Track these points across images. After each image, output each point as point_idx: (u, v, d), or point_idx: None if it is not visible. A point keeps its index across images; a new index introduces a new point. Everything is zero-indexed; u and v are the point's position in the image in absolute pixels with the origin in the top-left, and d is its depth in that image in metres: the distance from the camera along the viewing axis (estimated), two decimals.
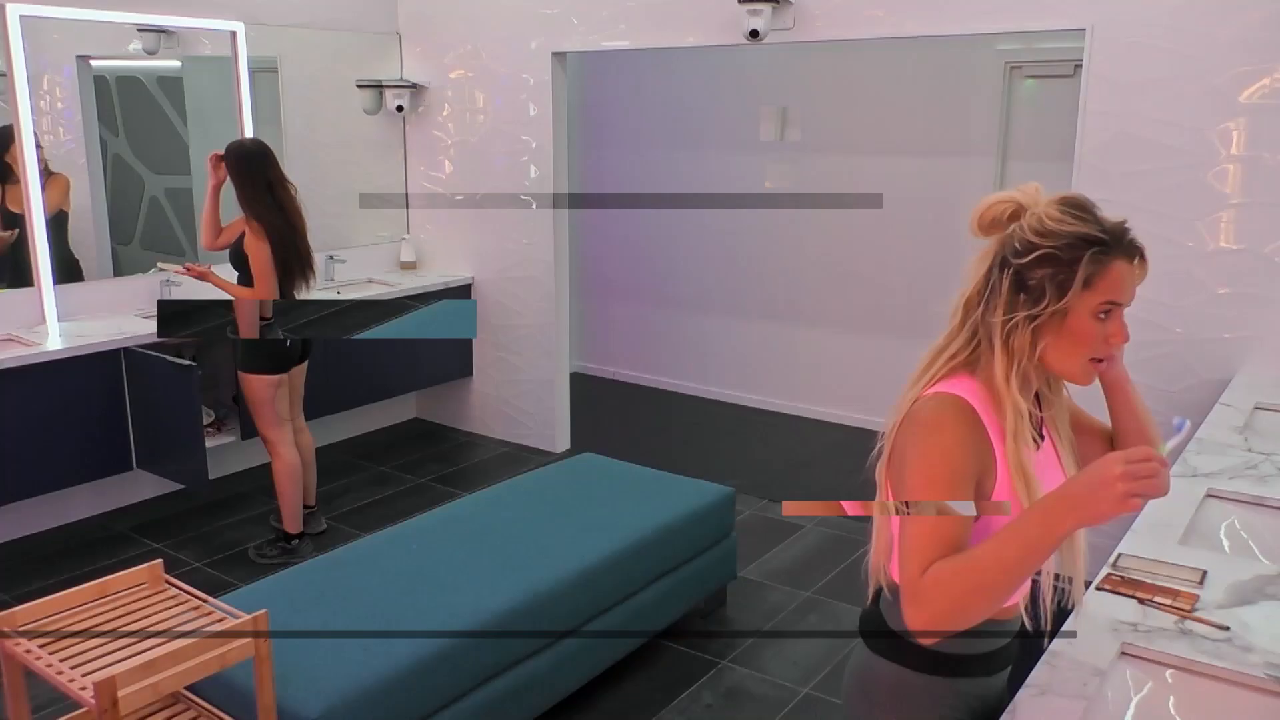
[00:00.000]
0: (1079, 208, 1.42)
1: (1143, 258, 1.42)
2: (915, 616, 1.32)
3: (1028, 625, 1.56)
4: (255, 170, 3.84)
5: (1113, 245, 1.40)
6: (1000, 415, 1.43)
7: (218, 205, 4.01)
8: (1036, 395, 1.55)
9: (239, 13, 4.85)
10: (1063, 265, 1.39)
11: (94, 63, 4.55)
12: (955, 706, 1.55)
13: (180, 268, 4.10)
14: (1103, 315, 1.41)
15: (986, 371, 1.46)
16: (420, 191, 5.75)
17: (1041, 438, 1.55)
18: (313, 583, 2.86)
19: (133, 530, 4.42)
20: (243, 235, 3.84)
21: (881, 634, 1.57)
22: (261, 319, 3.91)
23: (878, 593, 1.61)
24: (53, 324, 4.27)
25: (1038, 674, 1.62)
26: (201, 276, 3.99)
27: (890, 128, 5.51)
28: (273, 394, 3.96)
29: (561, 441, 5.49)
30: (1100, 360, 1.47)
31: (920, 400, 1.46)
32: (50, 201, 4.30)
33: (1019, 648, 1.63)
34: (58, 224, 4.38)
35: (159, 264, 4.28)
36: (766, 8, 4.21)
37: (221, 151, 3.95)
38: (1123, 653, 1.71)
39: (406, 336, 5.29)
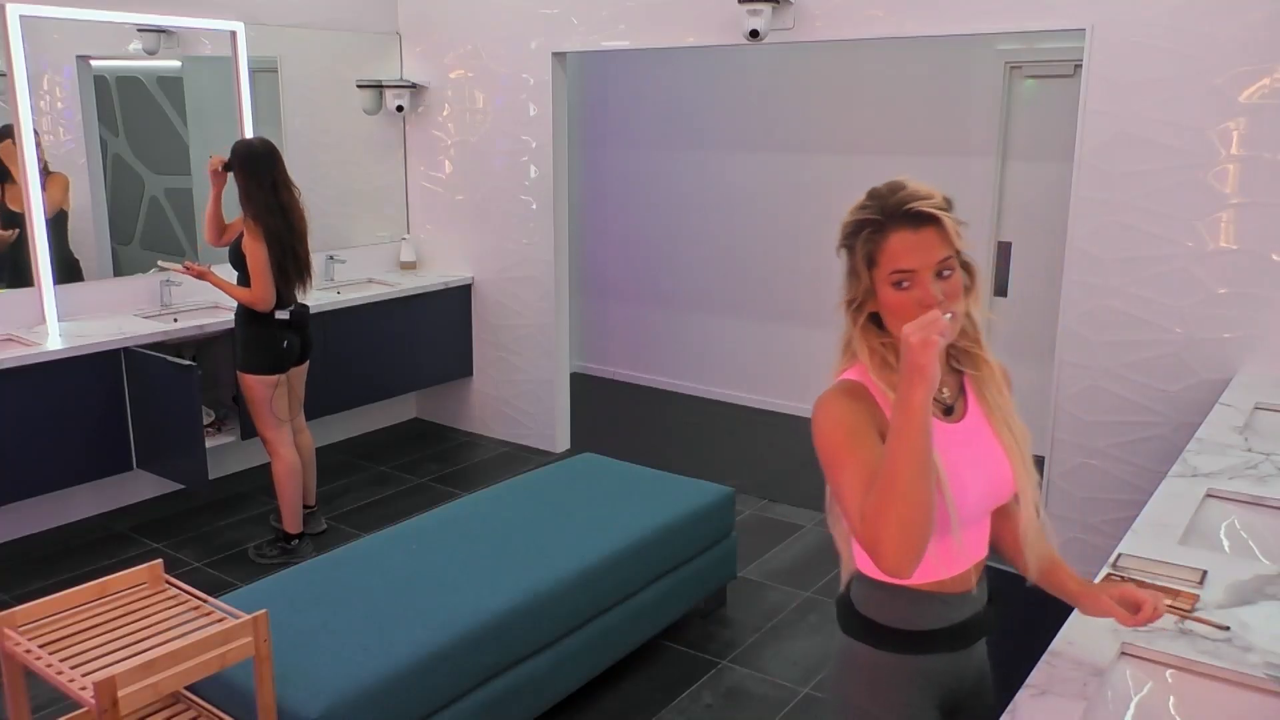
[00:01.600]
0: (870, 195, 1.51)
1: (930, 221, 1.45)
2: (880, 559, 1.37)
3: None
4: (260, 170, 3.84)
5: (886, 220, 1.47)
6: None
7: (220, 203, 4.01)
8: (960, 370, 1.61)
9: (239, 13, 4.85)
10: (854, 250, 1.52)
11: (94, 63, 4.55)
12: (926, 686, 1.60)
13: (180, 266, 4.11)
14: (904, 285, 1.46)
15: (861, 354, 1.56)
16: (420, 191, 5.75)
17: (950, 410, 1.58)
18: (313, 583, 2.86)
19: (133, 530, 4.42)
20: (242, 235, 3.85)
21: (854, 617, 1.63)
22: (261, 320, 3.91)
23: (850, 581, 1.68)
24: (53, 324, 4.27)
25: (1038, 674, 1.63)
26: (200, 275, 4.01)
27: (890, 128, 5.51)
28: (270, 394, 3.96)
29: (561, 441, 5.49)
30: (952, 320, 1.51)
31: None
32: (51, 200, 4.30)
33: (993, 618, 1.67)
34: (57, 223, 4.38)
35: (159, 263, 4.29)
36: (766, 8, 4.21)
37: (222, 159, 3.95)
38: (1123, 653, 1.71)
39: (406, 337, 5.30)
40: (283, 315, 3.93)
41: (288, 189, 3.91)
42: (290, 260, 3.90)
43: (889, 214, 1.47)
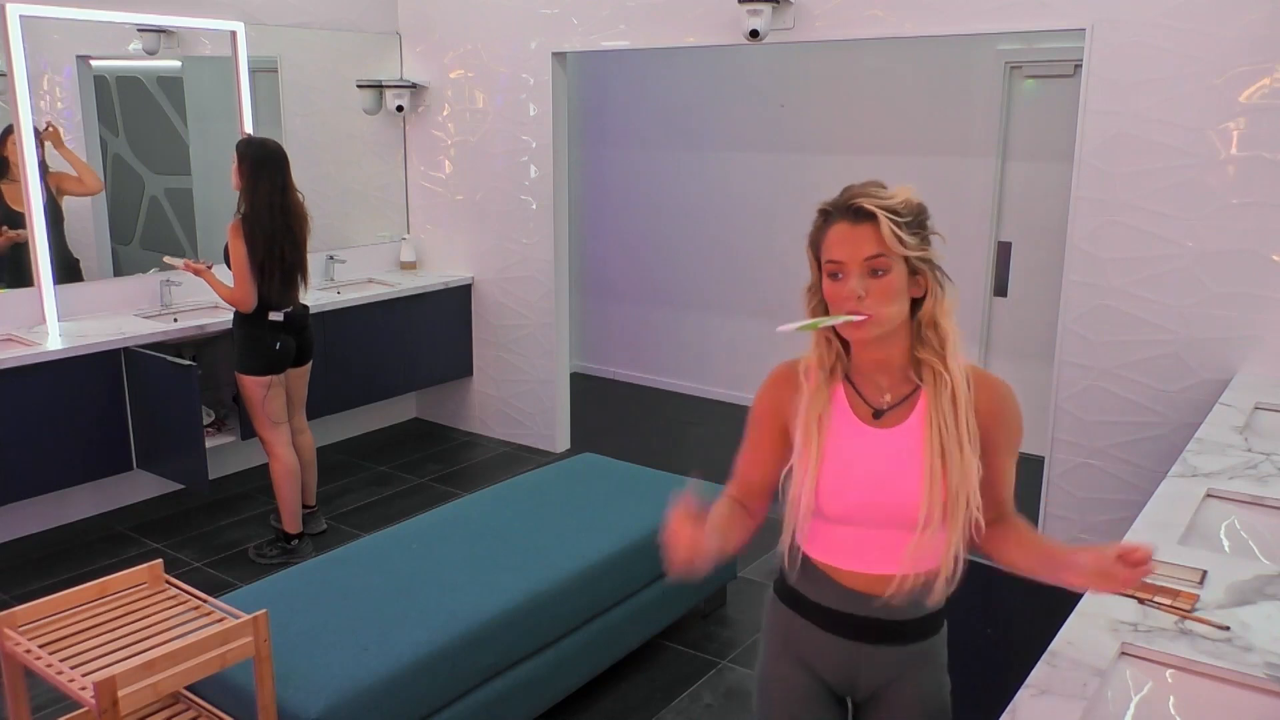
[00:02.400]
0: (840, 191, 1.57)
1: (869, 219, 1.50)
2: None
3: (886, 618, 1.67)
4: (271, 171, 3.82)
5: (832, 213, 1.55)
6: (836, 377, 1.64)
7: (216, 280, 3.98)
8: (920, 376, 1.60)
9: (239, 13, 4.85)
10: (809, 240, 1.60)
11: (94, 63, 4.55)
12: (791, 644, 1.75)
13: (182, 263, 4.12)
14: (837, 276, 1.53)
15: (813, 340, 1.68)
16: (420, 191, 5.75)
17: (880, 415, 1.61)
18: (313, 583, 2.86)
19: (133, 530, 4.42)
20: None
21: (778, 571, 1.80)
22: (254, 321, 3.90)
23: None
24: (53, 324, 4.27)
25: (1038, 674, 1.63)
26: (198, 273, 4.02)
27: (890, 128, 5.51)
28: (264, 395, 3.96)
29: (561, 441, 5.49)
30: (858, 320, 1.52)
31: None
32: (67, 189, 4.37)
33: (916, 635, 1.69)
34: (57, 223, 4.39)
35: (165, 259, 4.29)
36: (766, 8, 4.21)
37: (189, 261, 4.09)
38: (1123, 653, 1.71)
39: (406, 336, 5.30)
40: (276, 317, 3.93)
41: (293, 192, 3.91)
42: (274, 260, 3.84)
43: (836, 207, 1.55)
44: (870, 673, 1.70)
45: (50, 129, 4.31)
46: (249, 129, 4.89)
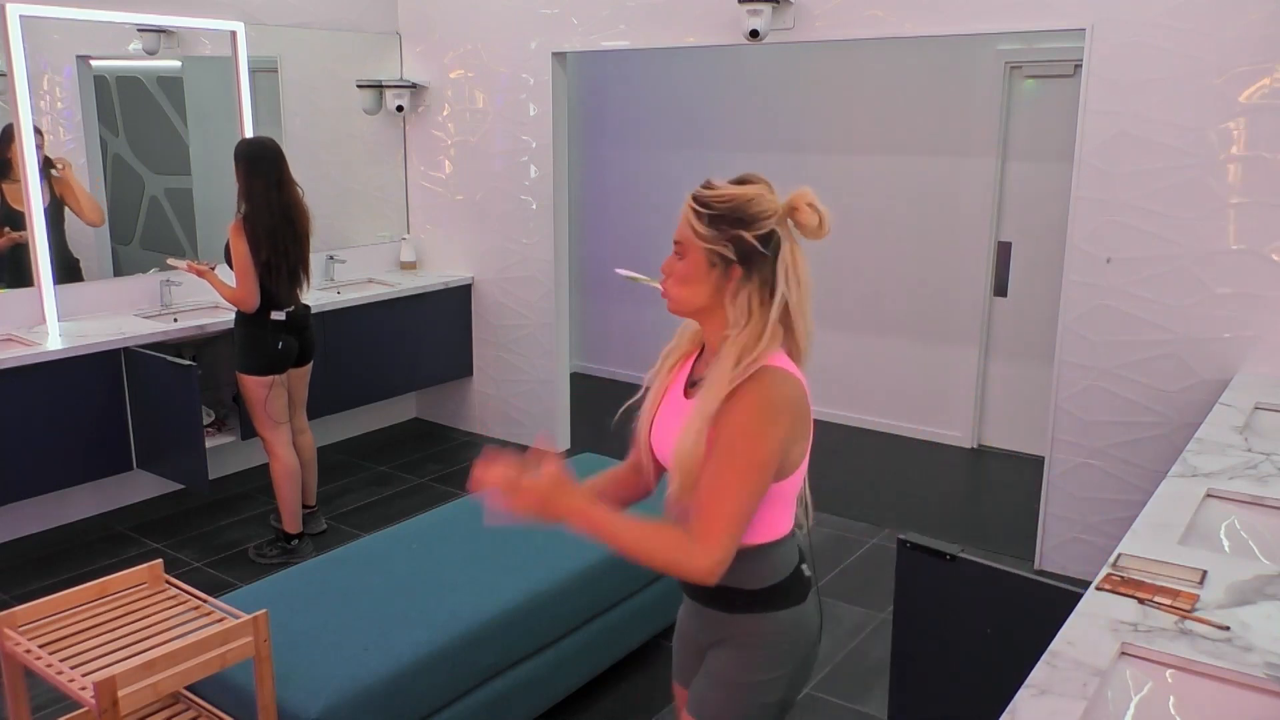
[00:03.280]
0: None
1: (692, 200, 1.64)
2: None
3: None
4: (266, 168, 3.82)
5: None
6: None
7: (221, 282, 3.97)
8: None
9: (239, 13, 4.85)
10: None
11: (94, 63, 4.55)
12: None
13: (184, 264, 4.12)
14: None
15: None
16: (420, 191, 5.75)
17: (691, 385, 1.74)
18: (313, 583, 2.86)
19: (133, 530, 4.42)
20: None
21: None
22: (256, 320, 3.90)
23: None
24: (53, 324, 4.27)
25: (1038, 674, 1.63)
26: (200, 274, 4.02)
27: (890, 128, 5.51)
28: (266, 395, 3.96)
29: (561, 441, 5.49)
30: (661, 293, 1.70)
31: None
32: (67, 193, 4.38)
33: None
34: (57, 223, 4.39)
35: (169, 261, 4.30)
36: (766, 8, 4.21)
37: (192, 263, 4.09)
38: (1123, 653, 1.71)
39: (406, 336, 5.30)
40: (279, 316, 3.93)
41: (291, 187, 3.90)
42: (279, 257, 3.85)
43: None
44: (698, 632, 1.84)
45: (63, 167, 4.33)
46: (249, 129, 4.89)
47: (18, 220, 4.23)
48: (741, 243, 1.60)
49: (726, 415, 1.59)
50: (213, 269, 4.03)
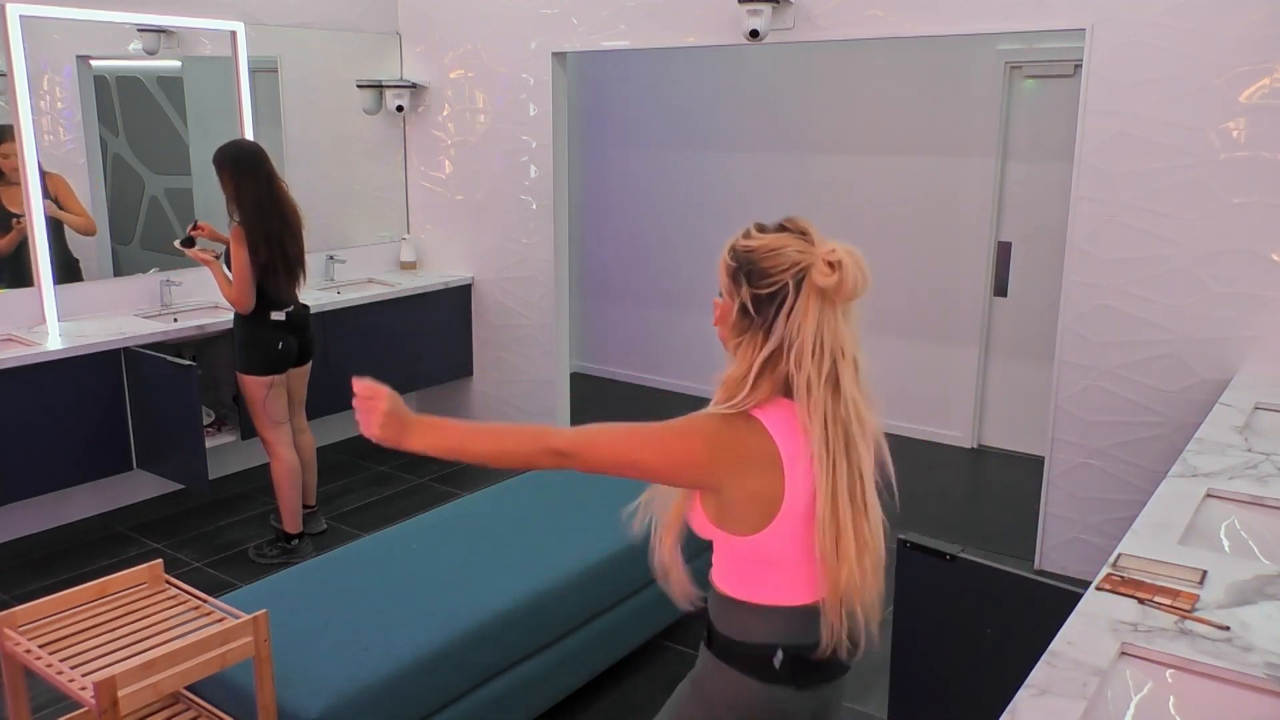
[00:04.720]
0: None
1: (725, 249, 1.71)
2: None
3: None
4: (253, 167, 3.83)
5: None
6: None
7: (221, 270, 3.96)
8: None
9: (239, 13, 4.85)
10: None
11: (94, 63, 4.55)
12: None
13: (195, 244, 4.07)
14: None
15: None
16: (420, 191, 5.75)
17: None
18: (313, 583, 2.86)
19: (133, 530, 4.42)
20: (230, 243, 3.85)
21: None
22: (256, 320, 3.90)
23: None
24: (53, 324, 4.27)
25: (1038, 674, 1.63)
26: (205, 263, 3.99)
27: (890, 128, 5.51)
28: (266, 394, 3.96)
29: None
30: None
31: None
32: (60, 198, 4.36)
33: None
34: (57, 223, 4.38)
35: (175, 244, 4.23)
36: (766, 8, 4.21)
37: (205, 255, 4.01)
38: (1123, 653, 1.71)
39: (406, 337, 5.30)
40: (279, 316, 3.93)
41: (280, 183, 3.91)
42: (279, 257, 3.85)
43: None
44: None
45: (62, 186, 4.33)
46: (249, 129, 4.89)
47: (12, 226, 4.23)
48: (747, 294, 1.63)
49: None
50: (217, 258, 4.02)
